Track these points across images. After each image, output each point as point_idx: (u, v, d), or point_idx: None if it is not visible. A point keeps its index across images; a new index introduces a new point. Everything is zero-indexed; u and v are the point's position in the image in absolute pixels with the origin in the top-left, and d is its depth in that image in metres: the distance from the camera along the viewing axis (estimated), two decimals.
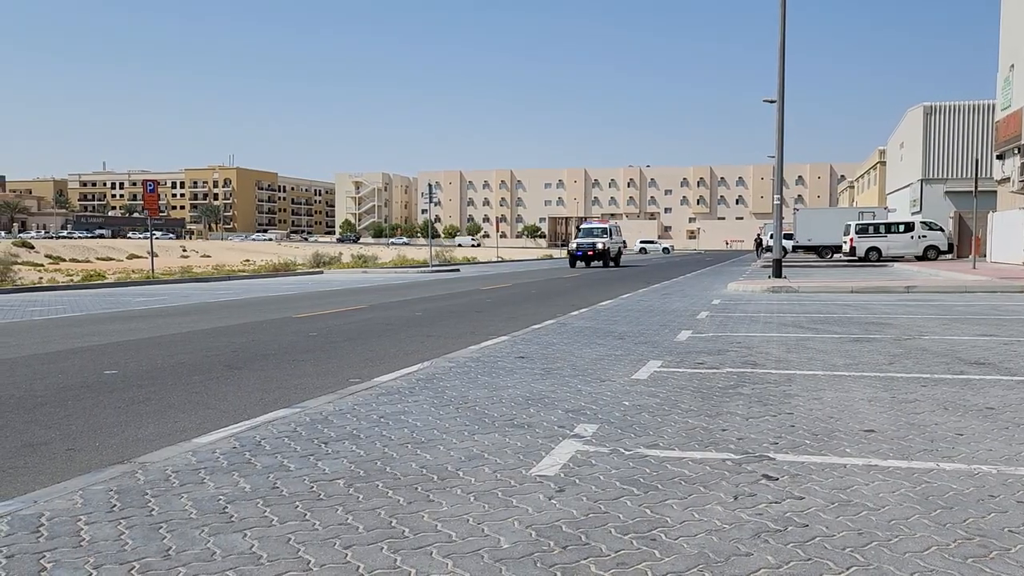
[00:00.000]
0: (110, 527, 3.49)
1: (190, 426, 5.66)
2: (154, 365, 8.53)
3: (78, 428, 5.63)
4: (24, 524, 3.53)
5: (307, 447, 4.81)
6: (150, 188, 30.39)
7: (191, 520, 3.57)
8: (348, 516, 3.61)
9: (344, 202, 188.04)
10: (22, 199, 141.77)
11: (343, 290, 22.84)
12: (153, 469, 4.37)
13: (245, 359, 8.95)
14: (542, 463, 4.44)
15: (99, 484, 4.09)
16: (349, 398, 6.31)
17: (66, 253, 64.59)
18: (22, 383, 7.42)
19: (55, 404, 6.46)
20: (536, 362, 8.15)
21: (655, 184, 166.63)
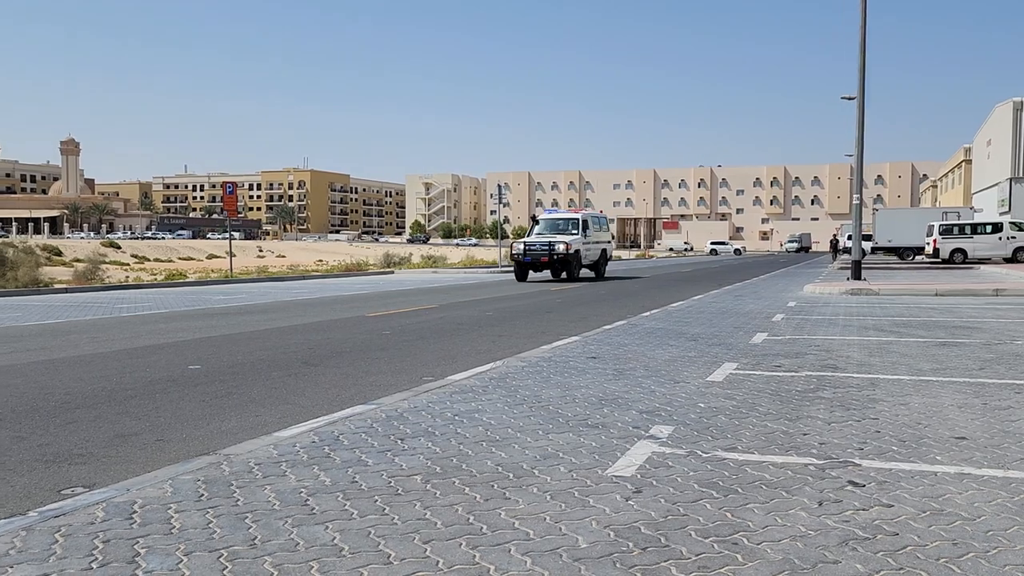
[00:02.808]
0: (199, 516, 3.60)
1: (271, 420, 5.80)
2: (235, 361, 8.78)
3: (166, 420, 5.83)
4: (118, 511, 3.66)
5: (384, 443, 4.88)
6: (229, 190, 31.33)
7: (275, 511, 3.66)
8: (426, 512, 3.64)
9: (414, 203, 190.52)
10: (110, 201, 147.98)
11: (414, 290, 23.13)
12: (237, 461, 4.49)
13: (321, 356, 9.13)
14: (618, 464, 4.40)
15: (187, 474, 4.23)
16: (423, 396, 6.38)
17: (150, 253, 67.14)
18: (113, 376, 7.73)
19: (144, 397, 6.71)
20: (608, 363, 8.09)
21: (726, 184, 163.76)
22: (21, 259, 25.34)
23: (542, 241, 27.08)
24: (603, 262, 30.29)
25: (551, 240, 27.04)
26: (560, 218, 29.06)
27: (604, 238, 30.75)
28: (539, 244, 27.02)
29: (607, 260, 30.85)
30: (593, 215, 30.65)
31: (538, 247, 26.97)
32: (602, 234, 30.58)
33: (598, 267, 29.87)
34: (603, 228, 31.06)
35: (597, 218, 31.01)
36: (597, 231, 29.84)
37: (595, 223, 29.87)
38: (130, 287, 25.19)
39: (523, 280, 27.28)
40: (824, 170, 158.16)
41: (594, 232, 29.26)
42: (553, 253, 26.68)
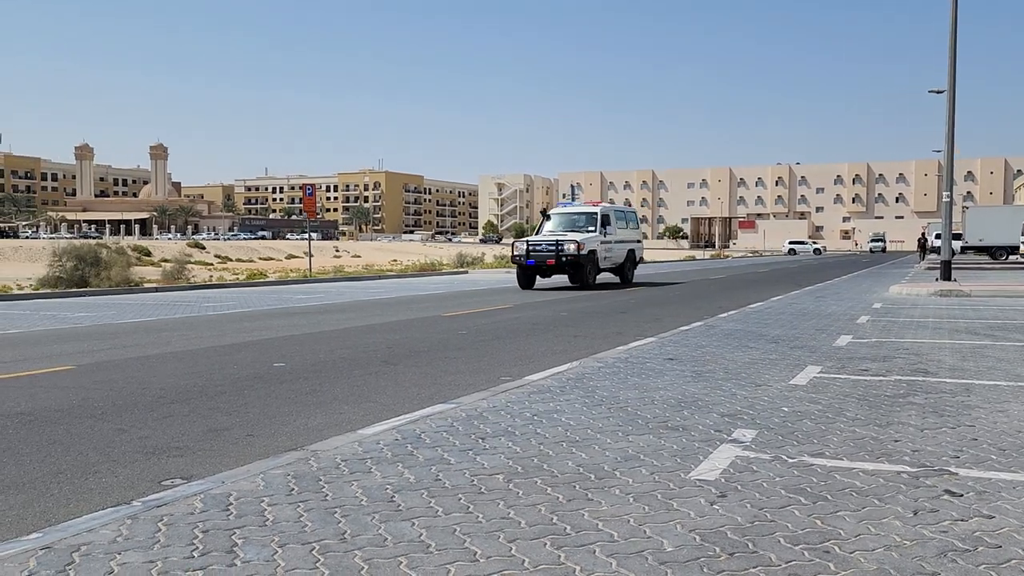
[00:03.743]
0: (290, 509, 3.71)
1: (355, 418, 5.93)
2: (317, 359, 9.01)
3: (255, 416, 6.03)
4: (215, 502, 3.81)
5: (465, 442, 4.94)
6: (308, 192, 32.12)
7: (362, 507, 3.75)
8: (510, 511, 3.68)
9: (487, 203, 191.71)
10: (195, 203, 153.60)
11: (487, 290, 23.28)
12: (324, 457, 4.61)
13: (400, 355, 9.29)
14: (700, 467, 4.35)
15: (277, 469, 4.37)
16: (502, 395, 6.42)
17: (232, 253, 69.37)
18: (204, 372, 8.03)
19: (233, 393, 6.95)
20: (686, 364, 8.00)
21: (805, 182, 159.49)
22: (114, 260, 26.46)
23: (548, 240, 22.13)
24: (630, 265, 25.26)
25: (559, 239, 22.01)
26: (575, 212, 24.15)
27: (632, 236, 25.68)
28: (544, 243, 22.06)
29: (636, 263, 25.83)
30: (617, 209, 25.85)
31: (543, 247, 21.99)
32: (629, 232, 25.43)
33: (623, 271, 24.73)
34: (631, 224, 25.97)
35: (622, 212, 25.85)
36: (622, 228, 24.70)
37: (619, 218, 24.75)
38: (214, 286, 26.09)
39: (529, 287, 22.49)
40: (910, 167, 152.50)
41: (618, 229, 24.12)
42: (561, 254, 21.66)
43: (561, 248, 21.84)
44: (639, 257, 26.20)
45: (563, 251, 21.78)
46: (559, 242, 21.95)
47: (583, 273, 22.10)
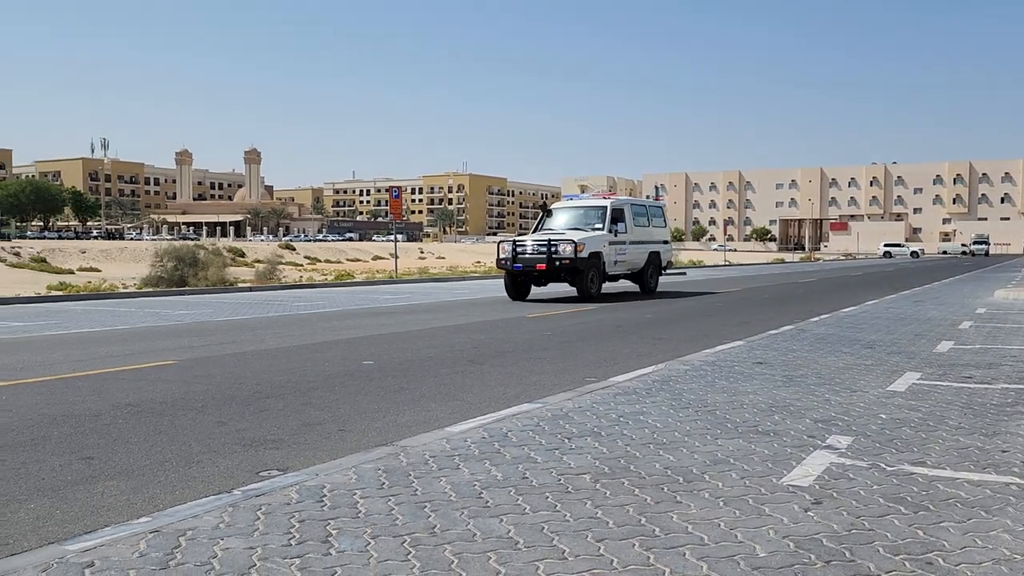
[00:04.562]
0: (381, 502, 3.80)
1: (442, 415, 6.02)
2: (404, 358, 9.18)
3: (346, 411, 6.19)
4: (310, 494, 3.93)
5: (551, 441, 4.95)
6: (395, 194, 32.75)
7: (451, 502, 3.80)
8: (597, 511, 3.67)
9: None
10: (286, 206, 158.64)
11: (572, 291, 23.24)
12: (413, 453, 4.70)
13: (486, 355, 9.38)
14: (793, 473, 4.24)
15: (369, 463, 4.48)
16: (587, 396, 6.41)
17: (321, 254, 71.28)
18: (296, 369, 8.29)
19: (324, 389, 7.15)
20: (776, 368, 7.80)
21: (902, 182, 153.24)
22: (211, 260, 27.59)
23: (539, 240, 18.14)
24: (653, 271, 21.00)
25: (553, 238, 18.06)
26: (581, 206, 20.10)
27: (655, 236, 21.23)
28: (534, 244, 18.08)
29: (660, 268, 21.55)
30: (634, 203, 21.31)
31: (533, 249, 18.03)
32: (651, 230, 21.01)
33: (644, 278, 20.65)
34: (655, 222, 21.51)
35: (642, 207, 21.34)
36: (642, 226, 20.49)
37: (638, 213, 20.53)
38: (304, 286, 26.87)
39: (521, 298, 18.42)
40: (1016, 165, 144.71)
41: (635, 227, 20.02)
42: (555, 257, 17.66)
43: (554, 250, 17.75)
44: (667, 261, 22.12)
45: (557, 254, 17.72)
46: (552, 242, 17.85)
47: (583, 281, 17.92)
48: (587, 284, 18.02)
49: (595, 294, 18.29)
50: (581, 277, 17.91)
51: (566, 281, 18.33)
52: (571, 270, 17.90)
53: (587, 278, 17.97)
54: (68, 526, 3.65)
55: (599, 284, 18.67)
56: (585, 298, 18.06)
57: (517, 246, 18.33)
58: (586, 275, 17.92)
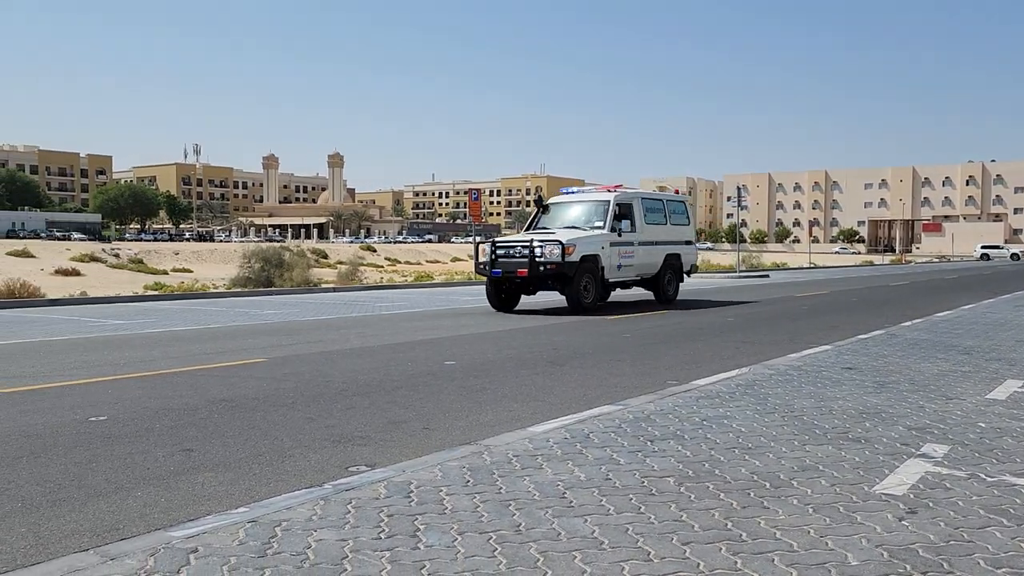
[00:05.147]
0: (467, 499, 3.87)
1: (524, 415, 6.07)
2: (485, 358, 9.28)
3: (430, 410, 6.31)
4: (397, 489, 4.03)
5: (633, 443, 4.93)
6: (474, 197, 33.05)
7: (535, 501, 3.84)
8: (682, 514, 3.65)
9: None
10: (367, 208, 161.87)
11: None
12: (496, 452, 4.75)
13: (565, 356, 9.39)
14: (886, 481, 4.12)
15: (453, 461, 4.55)
16: (669, 399, 6.36)
17: (401, 256, 72.51)
18: (381, 368, 8.48)
19: (408, 388, 7.30)
20: (866, 374, 7.57)
21: (1001, 181, 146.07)
22: (295, 262, 28.42)
23: (521, 241, 15.61)
24: (672, 276, 18.06)
25: (537, 238, 15.38)
26: (579, 201, 17.14)
27: (674, 235, 18.21)
28: (516, 246, 15.50)
29: (682, 273, 18.60)
30: (646, 196, 17.96)
31: (514, 251, 15.44)
32: (669, 229, 18.00)
33: (659, 284, 17.72)
34: (674, 219, 18.29)
35: (656, 202, 18.12)
36: (656, 224, 17.56)
37: (651, 209, 17.54)
38: (385, 287, 27.39)
39: (506, 309, 16.00)
40: None
41: (647, 226, 17.16)
42: (538, 261, 14.93)
43: (538, 252, 14.96)
44: (691, 265, 19.10)
45: (540, 257, 14.95)
46: (535, 244, 15.08)
47: (573, 289, 15.10)
48: (578, 293, 15.15)
49: (590, 305, 15.39)
50: (571, 284, 15.12)
51: (554, 289, 15.56)
52: (558, 276, 15.05)
53: (578, 286, 15.16)
54: (172, 513, 3.84)
55: (596, 292, 15.67)
56: (576, 309, 15.15)
57: (498, 248, 15.79)
58: (577, 282, 15.13)
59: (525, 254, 15.24)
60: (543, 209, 17.49)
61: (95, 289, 23.67)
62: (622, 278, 16.79)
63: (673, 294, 18.22)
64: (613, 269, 16.21)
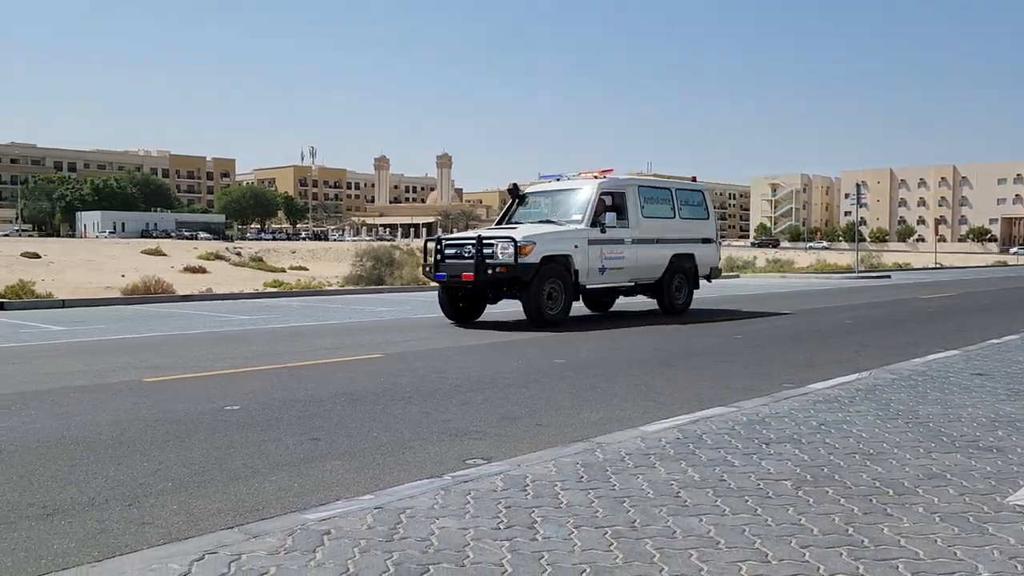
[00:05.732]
0: (581, 495, 3.95)
1: (634, 415, 6.10)
2: (594, 357, 9.33)
3: (541, 407, 6.42)
4: (513, 483, 4.15)
5: (748, 446, 4.89)
6: None
7: (649, 499, 3.88)
8: (800, 517, 3.61)
9: (759, 205, 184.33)
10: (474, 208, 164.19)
11: (763, 295, 22.46)
12: (609, 450, 4.81)
13: (674, 356, 9.34)
14: (1021, 492, 3.94)
15: (567, 457, 4.64)
16: (784, 402, 6.24)
17: None
18: (493, 365, 8.68)
19: (520, 385, 7.44)
20: (999, 381, 7.19)
21: None
22: (404, 260, 29.20)
23: (471, 239, 12.93)
24: (682, 282, 14.98)
25: (486, 235, 12.80)
26: (559, 190, 14.31)
27: (685, 231, 15.06)
28: (466, 244, 12.87)
29: (695, 278, 15.36)
30: (647, 185, 15.09)
31: (464, 251, 12.82)
32: (677, 224, 14.88)
33: (662, 291, 14.63)
34: (685, 212, 15.15)
35: (661, 192, 14.95)
36: (657, 218, 14.48)
37: (651, 200, 14.46)
38: None
39: (467, 317, 13.43)
40: None
41: (645, 220, 14.14)
42: (487, 262, 12.32)
43: (487, 252, 12.36)
44: (709, 268, 15.65)
45: (489, 259, 12.29)
46: (484, 242, 12.49)
47: (532, 298, 12.25)
48: (538, 302, 12.25)
49: (556, 317, 12.50)
50: (527, 292, 12.23)
51: (511, 296, 12.78)
52: (511, 281, 12.31)
53: (539, 294, 12.26)
54: (305, 497, 4.09)
55: (566, 302, 12.73)
56: (536, 322, 12.31)
57: (446, 247, 13.14)
58: (536, 289, 12.22)
59: (471, 256, 12.51)
60: (519, 200, 14.68)
61: (220, 286, 25.05)
62: (607, 283, 13.76)
63: (683, 303, 15.06)
64: (593, 273, 13.25)
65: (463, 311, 13.45)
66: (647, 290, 14.73)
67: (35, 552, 3.38)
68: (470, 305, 13.49)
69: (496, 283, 12.49)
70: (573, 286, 12.93)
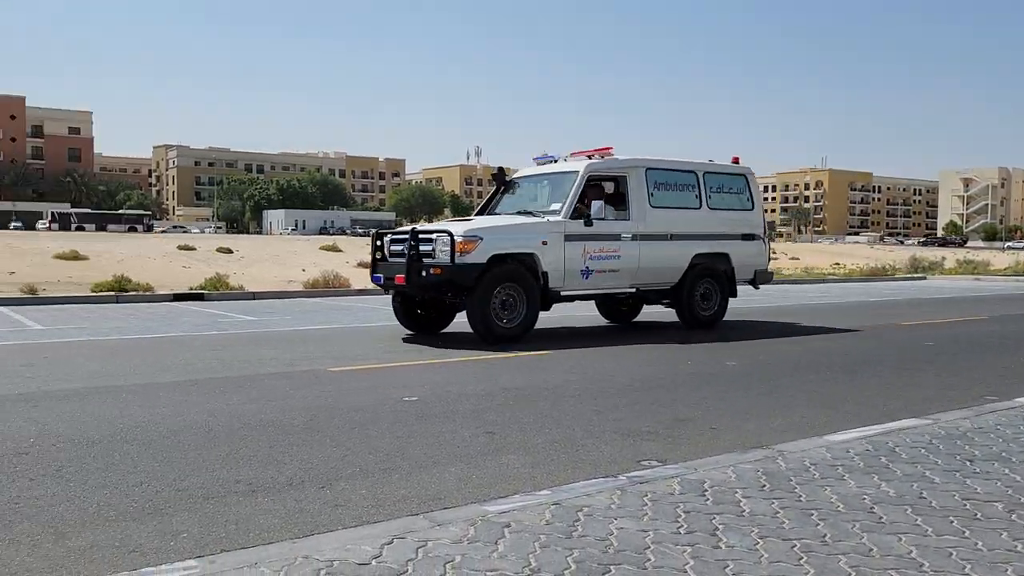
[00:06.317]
0: (764, 504, 3.79)
1: (816, 423, 5.80)
2: (766, 360, 8.96)
3: (714, 410, 6.24)
4: (691, 487, 4.05)
5: (949, 462, 4.52)
6: None
7: (839, 513, 3.67)
8: (1016, 544, 3.29)
9: (948, 202, 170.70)
10: None
11: (954, 298, 20.76)
12: (791, 458, 4.60)
13: (857, 363, 8.80)
14: None
15: (746, 463, 4.48)
16: (988, 416, 5.73)
17: None
18: (661, 365, 8.55)
19: (690, 387, 7.27)
20: None
21: None
22: None
23: (403, 235, 10.66)
24: (711, 288, 12.15)
25: (424, 231, 10.59)
26: (547, 174, 11.91)
27: (717, 225, 12.22)
28: (403, 242, 10.53)
29: (732, 285, 12.42)
30: (656, 166, 11.78)
31: (400, 251, 10.61)
32: (704, 216, 12.07)
33: (685, 299, 11.85)
34: (716, 201, 12.24)
35: (679, 175, 11.97)
36: (674, 208, 11.74)
37: (664, 186, 11.69)
38: None
39: (426, 329, 11.15)
40: None
41: (654, 210, 11.48)
42: (423, 263, 10.13)
43: (424, 251, 10.21)
44: (753, 271, 12.67)
45: (431, 257, 10.13)
46: (420, 237, 10.33)
47: (476, 306, 9.91)
48: (484, 313, 9.93)
49: (510, 332, 10.10)
50: (471, 300, 9.94)
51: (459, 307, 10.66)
52: (448, 285, 10.06)
53: (485, 302, 9.92)
54: (484, 490, 4.19)
55: (528, 313, 10.26)
56: (486, 337, 9.99)
57: (392, 243, 10.91)
58: (483, 296, 9.90)
59: (401, 256, 10.45)
60: (506, 187, 12.31)
61: None
62: (594, 290, 11.25)
63: (712, 315, 12.11)
64: (572, 276, 10.71)
65: (424, 320, 11.14)
66: (662, 297, 12.02)
67: (244, 526, 3.66)
68: (433, 311, 11.06)
69: (435, 287, 10.22)
70: (540, 293, 10.40)
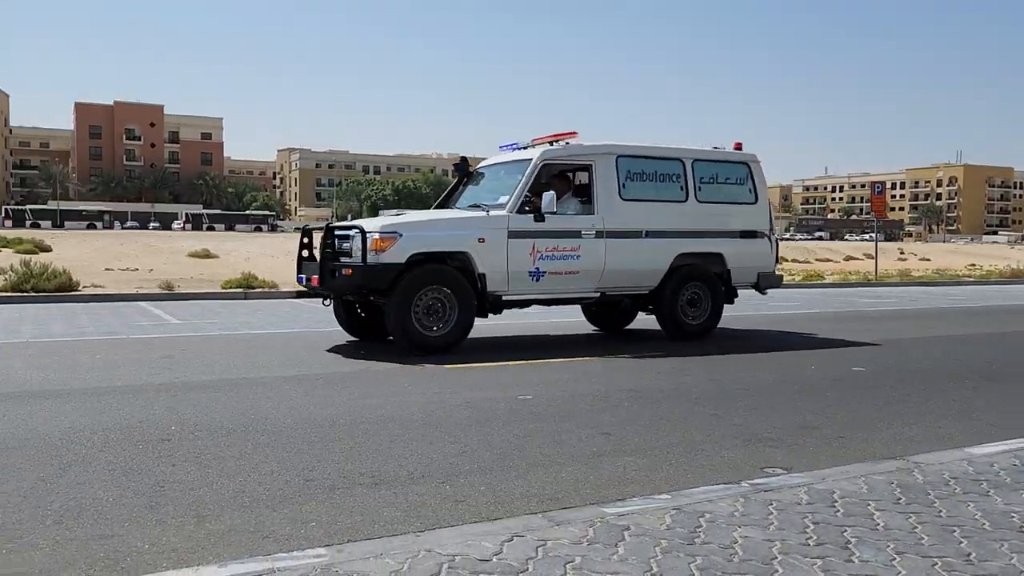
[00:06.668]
0: (900, 518, 3.59)
1: (955, 433, 5.46)
2: (902, 367, 8.51)
3: (842, 418, 5.97)
4: (820, 497, 3.89)
5: None
6: (877, 190, 30.41)
7: (984, 531, 3.44)
8: None
9: None
10: None
11: None
12: (929, 471, 4.34)
13: (1003, 371, 8.24)
14: None
15: (879, 475, 4.26)
16: None
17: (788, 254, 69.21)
18: (779, 370, 8.24)
19: (814, 393, 6.98)
20: None
21: None
22: None
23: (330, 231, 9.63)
24: (700, 294, 10.52)
25: (341, 228, 9.52)
26: (503, 163, 10.61)
27: (709, 221, 10.60)
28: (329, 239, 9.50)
29: (728, 290, 10.83)
30: (630, 153, 10.21)
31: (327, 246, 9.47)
32: (692, 210, 10.43)
33: (666, 306, 10.26)
34: (710, 193, 10.60)
35: (661, 163, 10.38)
36: (650, 201, 10.21)
37: (636, 176, 10.15)
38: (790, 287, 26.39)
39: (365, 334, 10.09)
40: None
41: (625, 202, 9.97)
42: (337, 263, 9.15)
43: (343, 249, 9.31)
44: (758, 274, 11.09)
45: (344, 256, 9.22)
46: (336, 235, 9.48)
47: (398, 314, 8.74)
48: (403, 318, 8.76)
49: (436, 341, 8.92)
50: (388, 304, 8.84)
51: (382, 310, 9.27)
52: (361, 288, 9.07)
53: (406, 306, 8.77)
54: (602, 491, 4.15)
55: (459, 320, 9.04)
56: (407, 347, 8.90)
57: (321, 241, 9.76)
58: (403, 300, 8.75)
59: (328, 253, 9.40)
60: (470, 177, 10.96)
61: None
62: (545, 294, 9.83)
63: (700, 324, 10.54)
64: (517, 278, 9.44)
65: (366, 323, 10.08)
66: (643, 303, 10.65)
67: (368, 517, 3.77)
68: (375, 315, 9.79)
69: (351, 290, 9.24)
70: (477, 297, 9.18)
